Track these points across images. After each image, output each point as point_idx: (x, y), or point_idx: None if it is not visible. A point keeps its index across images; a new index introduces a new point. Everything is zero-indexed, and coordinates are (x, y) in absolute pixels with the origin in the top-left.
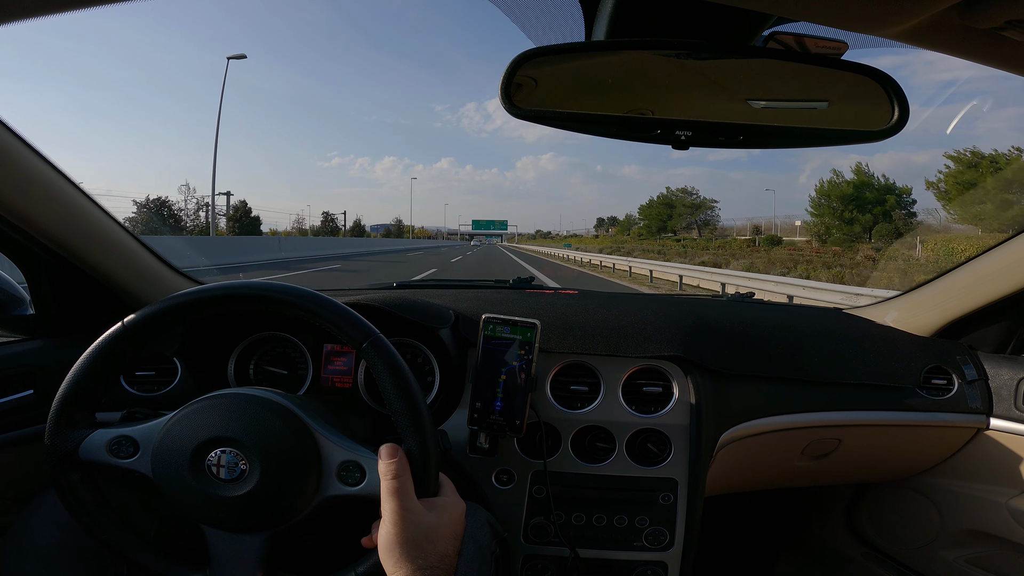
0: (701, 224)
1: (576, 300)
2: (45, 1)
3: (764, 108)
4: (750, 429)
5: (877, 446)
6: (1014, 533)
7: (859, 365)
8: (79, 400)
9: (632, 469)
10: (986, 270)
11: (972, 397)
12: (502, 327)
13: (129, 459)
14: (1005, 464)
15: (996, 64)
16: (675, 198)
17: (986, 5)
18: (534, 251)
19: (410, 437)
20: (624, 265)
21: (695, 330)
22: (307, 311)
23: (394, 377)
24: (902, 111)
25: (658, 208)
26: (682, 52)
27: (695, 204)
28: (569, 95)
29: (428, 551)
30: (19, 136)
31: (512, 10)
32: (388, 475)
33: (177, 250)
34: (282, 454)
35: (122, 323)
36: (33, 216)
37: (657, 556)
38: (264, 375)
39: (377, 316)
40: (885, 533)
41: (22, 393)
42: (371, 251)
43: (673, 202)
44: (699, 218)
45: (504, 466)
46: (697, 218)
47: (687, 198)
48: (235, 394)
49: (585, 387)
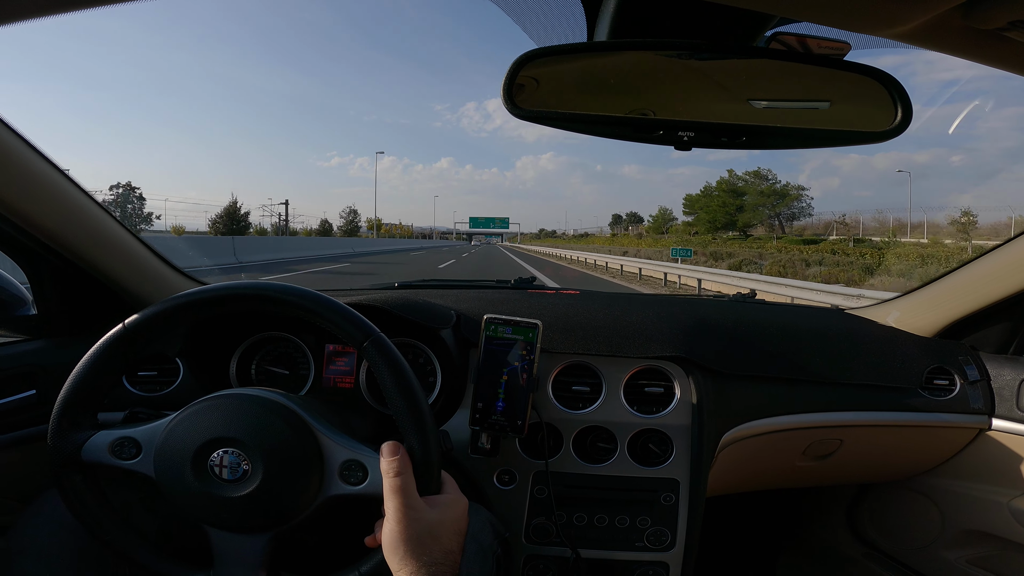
0: (786, 218)
1: (578, 300)
2: (45, 1)
3: (766, 109)
4: (752, 429)
5: (879, 446)
6: (1015, 533)
7: (861, 365)
8: (81, 401)
9: (634, 469)
10: (988, 271)
11: (974, 397)
12: (504, 327)
13: (132, 460)
14: (1007, 464)
15: (998, 65)
16: (745, 183)
17: (988, 6)
18: (555, 256)
19: (411, 435)
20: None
21: (697, 330)
22: (308, 311)
23: (395, 376)
24: (905, 112)
25: (721, 198)
26: (684, 52)
27: (778, 192)
28: (571, 95)
29: (432, 548)
30: (21, 136)
31: (514, 10)
32: (390, 473)
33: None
34: (284, 454)
35: (123, 324)
36: (35, 216)
37: (659, 556)
38: (266, 375)
39: (379, 316)
40: (886, 533)
41: (24, 393)
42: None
43: (742, 189)
44: (783, 211)
45: (506, 466)
46: (781, 211)
47: (761, 183)
48: (237, 394)
49: (587, 387)
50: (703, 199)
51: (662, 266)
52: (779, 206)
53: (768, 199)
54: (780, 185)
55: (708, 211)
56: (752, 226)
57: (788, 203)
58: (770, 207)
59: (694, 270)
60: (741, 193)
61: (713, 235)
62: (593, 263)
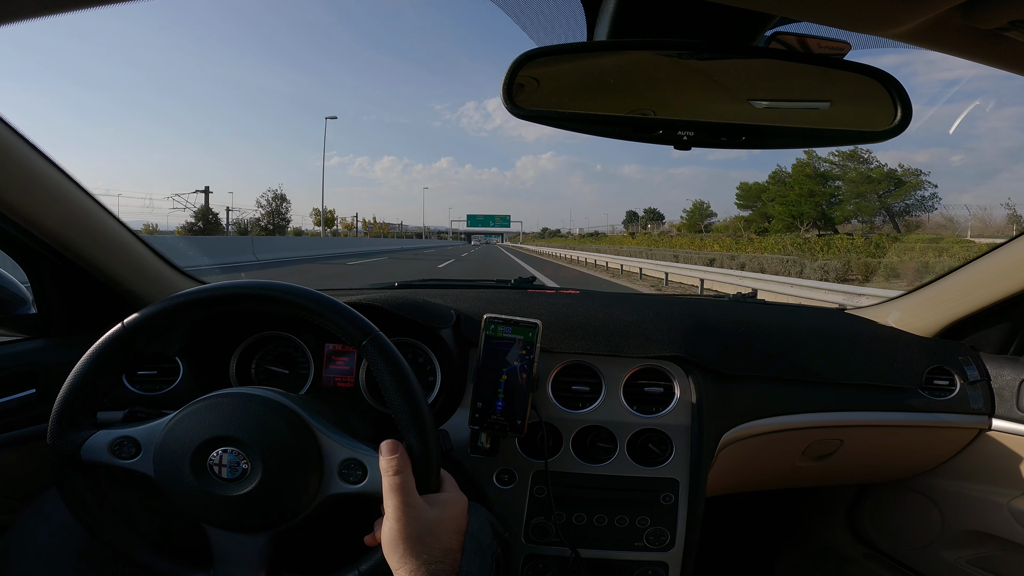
0: (899, 212)
1: (577, 300)
2: (45, 1)
3: (766, 108)
4: (751, 429)
5: (879, 447)
6: (1015, 534)
7: (861, 365)
8: (80, 401)
9: (633, 469)
10: (988, 271)
11: (974, 398)
12: (503, 327)
13: (131, 460)
14: (1007, 465)
15: (999, 64)
16: (839, 170)
17: (989, 5)
18: (579, 261)
19: (410, 433)
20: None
21: (697, 330)
22: (307, 310)
23: (394, 374)
24: (905, 112)
25: (805, 185)
26: (684, 52)
27: (890, 177)
28: (571, 95)
29: (432, 546)
30: (21, 135)
31: (513, 10)
32: (389, 471)
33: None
34: (284, 453)
35: (122, 324)
36: (35, 216)
37: (658, 556)
38: (266, 375)
39: (379, 316)
40: (886, 534)
41: (24, 392)
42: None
43: (835, 175)
44: (896, 204)
45: (505, 466)
46: (892, 204)
47: (859, 167)
48: (236, 393)
49: (586, 387)
50: (775, 188)
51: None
52: (891, 197)
53: (873, 187)
54: (899, 173)
55: (786, 203)
56: (844, 221)
57: (907, 193)
58: (877, 198)
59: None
60: (830, 179)
61: (800, 232)
62: (639, 271)
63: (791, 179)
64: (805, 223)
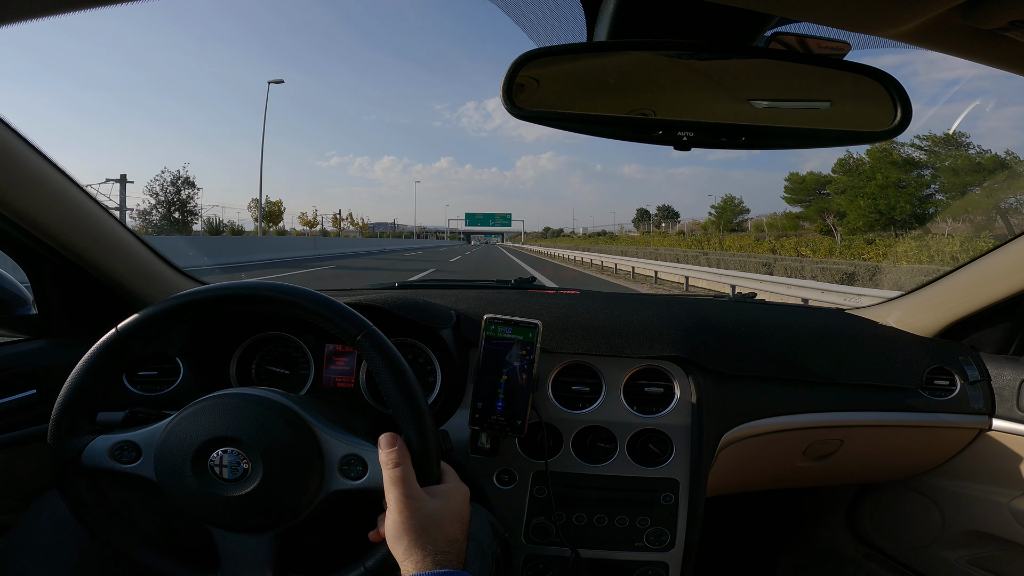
0: (1007, 211)
1: (577, 300)
2: (45, 1)
3: (766, 108)
4: (751, 429)
5: (879, 447)
6: (1015, 534)
7: (861, 365)
8: (79, 406)
9: (633, 469)
10: (988, 271)
11: (974, 398)
12: (503, 327)
13: (132, 464)
14: (1007, 465)
15: (998, 64)
16: (927, 154)
17: (988, 6)
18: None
19: (408, 426)
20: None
21: (697, 330)
22: (301, 308)
23: (390, 368)
24: (905, 112)
25: (892, 174)
26: (684, 52)
27: (994, 161)
28: (571, 96)
29: (437, 536)
30: (21, 136)
31: (513, 10)
32: (389, 464)
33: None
34: (284, 452)
35: (115, 329)
36: (36, 216)
37: (658, 556)
38: (266, 375)
39: (378, 316)
40: (887, 534)
41: (25, 393)
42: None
43: (921, 161)
44: (1007, 200)
45: (505, 466)
46: (1004, 200)
47: (956, 153)
48: (236, 394)
49: (586, 387)
50: (846, 179)
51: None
52: (1003, 191)
53: (982, 177)
54: (992, 155)
55: (865, 196)
56: (928, 219)
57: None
58: (990, 192)
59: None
60: (920, 165)
61: (887, 232)
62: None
63: (868, 168)
64: (890, 218)
